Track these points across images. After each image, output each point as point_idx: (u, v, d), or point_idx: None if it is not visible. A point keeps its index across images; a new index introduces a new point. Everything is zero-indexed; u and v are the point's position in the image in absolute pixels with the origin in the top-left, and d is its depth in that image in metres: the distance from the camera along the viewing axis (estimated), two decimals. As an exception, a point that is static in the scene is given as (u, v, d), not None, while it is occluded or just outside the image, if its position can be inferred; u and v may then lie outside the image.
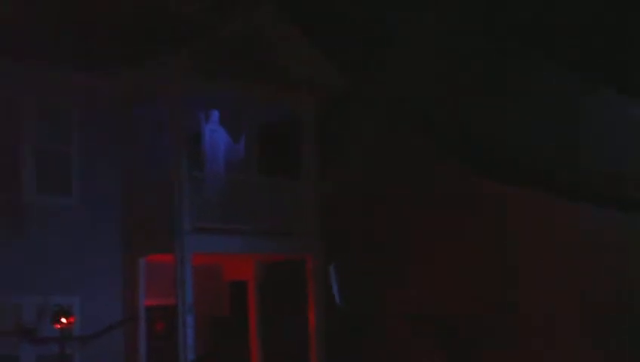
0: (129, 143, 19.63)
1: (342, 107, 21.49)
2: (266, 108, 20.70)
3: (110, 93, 19.34)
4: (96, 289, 18.87)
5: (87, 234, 18.94)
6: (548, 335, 18.51)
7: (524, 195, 18.87)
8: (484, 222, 19.33)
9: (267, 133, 21.59)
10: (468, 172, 19.56)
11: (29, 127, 18.55)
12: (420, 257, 20.20)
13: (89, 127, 19.27)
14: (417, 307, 20.21)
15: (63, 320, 17.40)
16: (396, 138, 21.07)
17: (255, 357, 21.02)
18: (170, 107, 18.91)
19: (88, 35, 19.39)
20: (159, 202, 19.00)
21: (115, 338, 18.92)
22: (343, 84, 20.13)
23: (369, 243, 20.92)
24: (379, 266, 20.73)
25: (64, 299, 18.17)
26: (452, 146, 20.33)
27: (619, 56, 18.58)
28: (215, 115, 20.29)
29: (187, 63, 18.60)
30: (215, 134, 20.21)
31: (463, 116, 20.23)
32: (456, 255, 19.63)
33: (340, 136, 21.66)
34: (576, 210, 18.19)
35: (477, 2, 20.18)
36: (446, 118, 20.62)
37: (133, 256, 19.29)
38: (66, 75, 18.71)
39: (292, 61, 20.07)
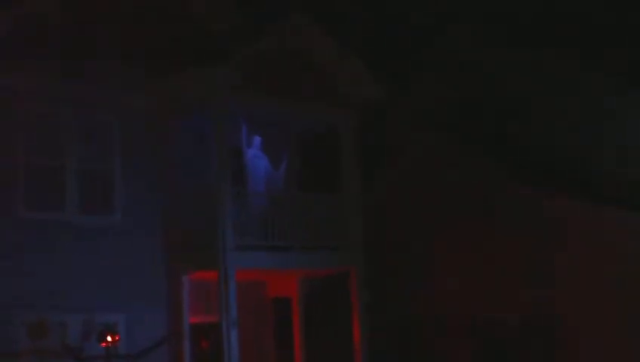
0: (170, 159, 19.59)
1: (381, 117, 21.60)
2: (305, 121, 20.54)
3: (150, 109, 19.32)
4: (141, 306, 18.84)
5: (131, 252, 18.92)
6: (582, 339, 18.65)
7: (557, 199, 19.12)
8: (520, 225, 19.56)
9: (307, 146, 21.52)
10: (503, 176, 19.70)
11: (69, 147, 18.63)
12: (457, 262, 20.56)
13: (130, 143, 19.27)
14: (454, 311, 20.51)
15: (109, 338, 17.30)
16: (430, 145, 21.25)
17: (300, 373, 20.81)
18: (213, 121, 18.84)
19: (124, 50, 19.38)
20: (202, 219, 18.88)
21: (161, 355, 18.70)
22: (382, 94, 20.06)
23: (406, 250, 21.12)
24: (417, 272, 20.98)
25: (109, 317, 18.11)
26: (487, 150, 20.44)
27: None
28: (257, 140, 20.17)
29: (227, 76, 18.58)
30: (257, 160, 20.07)
31: (498, 121, 20.54)
32: (492, 259, 19.99)
33: (379, 147, 21.82)
34: (612, 213, 18.33)
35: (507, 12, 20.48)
36: (480, 123, 20.83)
37: (177, 273, 19.19)
38: (105, 91, 18.77)
39: (331, 72, 20.01)
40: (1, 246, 17.56)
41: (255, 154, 20.08)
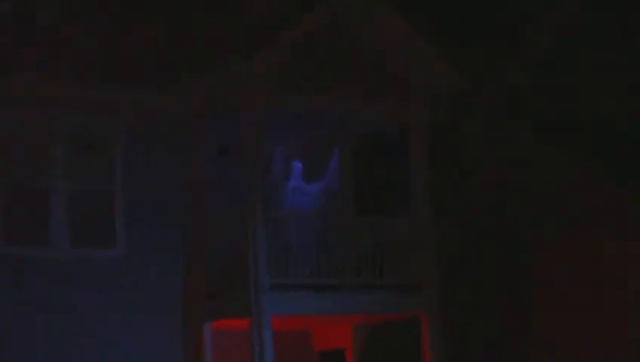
0: (188, 177, 17.85)
1: (457, 119, 20.17)
2: (363, 123, 18.90)
3: (164, 114, 17.65)
4: (153, 365, 17.77)
5: (139, 296, 17.14)
6: None
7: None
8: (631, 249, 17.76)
9: (365, 155, 19.99)
10: (615, 184, 18.32)
11: (59, 162, 16.83)
12: (558, 301, 18.72)
13: (137, 157, 17.46)
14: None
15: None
16: (526, 152, 19.49)
17: None
18: (245, 128, 17.21)
19: (134, 40, 17.89)
20: (229, 252, 17.30)
21: None
22: (461, 87, 18.34)
23: (492, 283, 19.53)
24: (506, 313, 19.34)
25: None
26: (595, 156, 19.18)
27: None
28: (297, 168, 18.94)
29: (265, 69, 16.93)
30: (298, 194, 18.92)
31: (606, 118, 19.52)
32: (599, 294, 18.18)
33: (456, 155, 20.36)
34: None
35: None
36: (583, 120, 19.78)
37: (198, 321, 17.52)
38: (106, 91, 17.07)
39: (395, 60, 18.21)
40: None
41: (296, 187, 18.85)
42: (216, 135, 18.09)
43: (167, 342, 17.27)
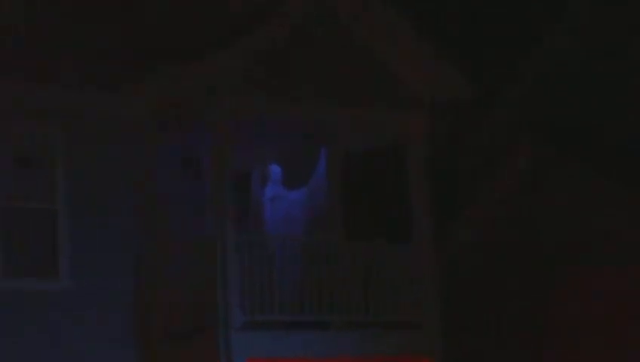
0: (146, 195, 16.54)
1: (464, 128, 19.96)
2: (354, 133, 17.74)
3: (115, 121, 16.25)
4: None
5: (86, 336, 15.67)
6: None
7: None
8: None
9: (356, 171, 19.27)
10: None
11: None
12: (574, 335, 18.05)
13: (83, 171, 16.05)
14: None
15: None
16: (542, 167, 18.81)
17: None
18: (212, 137, 16.05)
19: (82, 32, 16.46)
20: (193, 283, 15.90)
21: None
22: (466, 94, 17.19)
23: (509, 326, 18.89)
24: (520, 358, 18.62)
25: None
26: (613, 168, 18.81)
27: None
28: (276, 172, 17.95)
29: (237, 67, 15.77)
30: (277, 203, 18.01)
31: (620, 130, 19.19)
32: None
33: (461, 171, 20.36)
34: None
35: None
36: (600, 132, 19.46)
37: None
38: (49, 91, 15.63)
39: (391, 62, 17.05)
40: None
41: (275, 195, 17.85)
42: (179, 145, 16.88)
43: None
